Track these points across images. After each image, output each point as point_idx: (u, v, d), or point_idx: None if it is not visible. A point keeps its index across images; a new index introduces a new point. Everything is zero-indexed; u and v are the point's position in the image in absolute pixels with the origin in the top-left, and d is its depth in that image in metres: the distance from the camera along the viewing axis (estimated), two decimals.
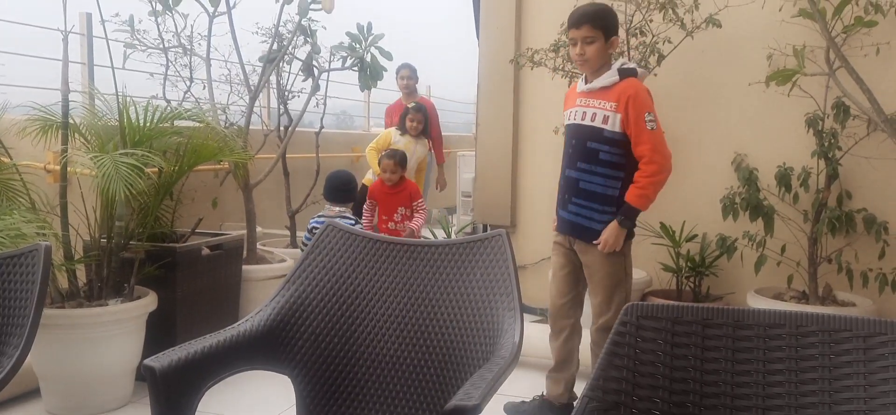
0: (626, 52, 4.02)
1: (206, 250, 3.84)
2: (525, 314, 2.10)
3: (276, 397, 3.23)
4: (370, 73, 5.04)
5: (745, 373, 1.58)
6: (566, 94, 3.26)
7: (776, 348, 1.57)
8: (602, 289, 3.02)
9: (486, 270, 2.00)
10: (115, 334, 3.24)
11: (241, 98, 4.92)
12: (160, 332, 3.44)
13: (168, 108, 3.81)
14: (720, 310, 1.63)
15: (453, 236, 6.32)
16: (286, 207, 5.25)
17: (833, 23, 3.40)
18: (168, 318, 3.56)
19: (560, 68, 4.26)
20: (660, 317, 1.65)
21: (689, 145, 4.33)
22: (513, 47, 4.80)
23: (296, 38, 4.89)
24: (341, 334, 2.07)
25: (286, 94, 5.12)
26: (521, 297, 1.92)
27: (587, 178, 2.99)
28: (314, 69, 5.01)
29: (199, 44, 4.65)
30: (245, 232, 4.51)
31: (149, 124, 3.46)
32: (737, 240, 3.93)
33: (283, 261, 4.60)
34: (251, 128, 4.71)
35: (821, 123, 3.73)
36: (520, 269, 2.62)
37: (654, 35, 4.02)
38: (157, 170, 3.53)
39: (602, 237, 2.95)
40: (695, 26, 3.98)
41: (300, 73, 5.08)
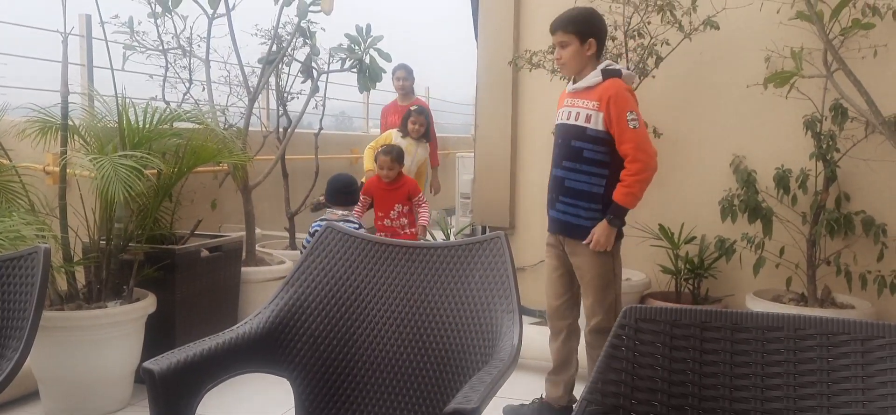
0: (625, 55, 4.03)
1: (205, 252, 3.84)
2: (524, 316, 2.10)
3: (275, 400, 3.24)
4: (369, 75, 5.04)
5: (744, 376, 1.59)
6: (559, 96, 3.29)
7: (775, 351, 1.58)
8: (592, 290, 3.05)
9: (485, 272, 2.00)
10: (114, 337, 3.24)
11: (241, 100, 4.93)
12: (159, 334, 3.44)
13: (167, 109, 3.80)
14: (718, 313, 1.64)
15: (452, 238, 6.32)
16: (285, 209, 5.25)
17: (831, 25, 3.41)
18: (167, 320, 3.56)
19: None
20: (658, 320, 1.65)
21: (688, 147, 4.34)
22: (511, 49, 4.80)
23: (295, 40, 4.88)
24: (340, 337, 2.07)
25: (285, 95, 5.12)
26: (520, 299, 1.92)
27: (573, 176, 3.02)
28: (313, 71, 5.01)
29: (199, 45, 4.65)
30: (244, 234, 4.51)
31: (148, 126, 3.46)
32: (735, 242, 3.94)
33: (282, 263, 4.60)
34: (250, 129, 4.70)
35: (819, 125, 3.74)
36: (519, 270, 2.63)
37: (652, 37, 4.02)
38: (156, 172, 3.54)
39: (592, 236, 2.98)
40: (693, 28, 3.99)
41: (299, 74, 5.07)
